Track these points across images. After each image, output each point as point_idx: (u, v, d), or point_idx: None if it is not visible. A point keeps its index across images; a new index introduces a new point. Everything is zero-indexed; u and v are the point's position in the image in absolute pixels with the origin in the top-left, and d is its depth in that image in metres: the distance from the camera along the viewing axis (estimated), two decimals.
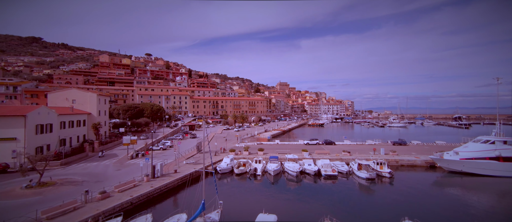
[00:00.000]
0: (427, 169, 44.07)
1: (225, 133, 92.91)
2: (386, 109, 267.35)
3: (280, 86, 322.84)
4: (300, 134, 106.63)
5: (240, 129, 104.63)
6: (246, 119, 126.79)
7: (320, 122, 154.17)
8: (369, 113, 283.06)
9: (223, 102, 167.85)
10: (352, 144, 64.29)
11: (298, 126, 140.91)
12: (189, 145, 61.55)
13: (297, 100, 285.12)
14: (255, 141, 70.47)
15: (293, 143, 66.25)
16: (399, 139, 62.99)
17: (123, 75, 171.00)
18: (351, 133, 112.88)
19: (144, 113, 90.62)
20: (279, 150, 55.55)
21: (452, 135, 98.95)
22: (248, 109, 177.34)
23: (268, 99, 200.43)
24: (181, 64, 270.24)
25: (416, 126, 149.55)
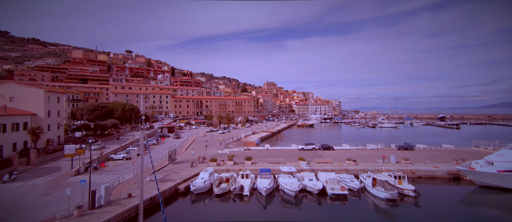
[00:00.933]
0: (449, 181, 35.96)
1: (208, 136, 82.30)
2: (373, 109, 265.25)
3: (267, 86, 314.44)
4: (291, 136, 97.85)
5: (225, 131, 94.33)
6: (232, 120, 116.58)
7: (310, 122, 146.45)
8: (355, 113, 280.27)
9: (208, 102, 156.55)
10: (352, 148, 55.84)
11: (287, 126, 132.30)
12: (165, 151, 50.76)
13: (285, 100, 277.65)
14: (241, 145, 60.62)
15: (286, 149, 56.93)
16: (405, 143, 55.19)
17: (97, 73, 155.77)
18: (344, 134, 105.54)
19: (114, 113, 78.41)
20: (270, 158, 45.97)
21: (449, 136, 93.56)
22: (235, 109, 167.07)
23: (256, 99, 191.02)
24: (164, 62, 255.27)
25: (405, 126, 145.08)
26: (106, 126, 63.40)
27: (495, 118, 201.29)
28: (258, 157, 46.96)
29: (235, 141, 71.13)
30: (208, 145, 62.34)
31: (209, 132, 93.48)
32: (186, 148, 57.85)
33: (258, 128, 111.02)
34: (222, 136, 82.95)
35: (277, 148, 57.51)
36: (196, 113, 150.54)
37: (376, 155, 47.95)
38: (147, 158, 33.95)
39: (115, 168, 38.90)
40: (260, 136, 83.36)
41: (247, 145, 63.07)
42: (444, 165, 39.17)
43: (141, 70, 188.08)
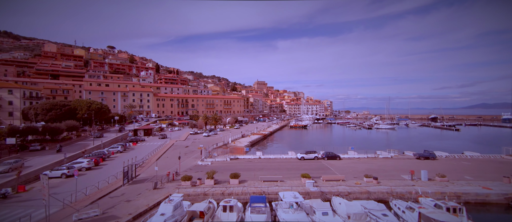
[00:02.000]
0: (508, 209, 26.18)
1: (191, 139, 70.43)
2: (365, 110, 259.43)
3: (258, 85, 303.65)
4: (284, 139, 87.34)
5: (211, 133, 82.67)
6: (219, 120, 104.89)
7: (303, 123, 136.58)
8: (346, 113, 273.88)
9: (194, 101, 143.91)
10: (362, 157, 45.67)
11: (279, 128, 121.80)
12: (134, 161, 38.88)
13: (276, 100, 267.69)
14: (227, 153, 49.33)
15: (283, 157, 46.09)
16: (425, 150, 45.44)
17: (71, 68, 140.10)
18: (341, 137, 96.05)
19: (77, 113, 65.28)
20: (263, 172, 35.04)
21: (455, 140, 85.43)
22: (223, 109, 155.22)
23: (246, 98, 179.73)
24: (149, 59, 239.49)
25: (400, 127, 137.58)
26: (59, 128, 50.35)
27: (485, 119, 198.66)
28: (248, 170, 35.87)
29: (221, 146, 59.70)
30: (187, 153, 50.70)
31: (192, 135, 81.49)
32: (159, 157, 45.98)
33: (248, 129, 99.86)
34: (207, 139, 71.29)
35: (271, 156, 46.59)
36: (181, 112, 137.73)
37: (395, 166, 37.86)
38: (114, 166, 22.16)
39: (37, 195, 26.61)
40: (250, 139, 72.26)
41: (235, 152, 51.82)
42: (495, 184, 29.38)
43: (122, 67, 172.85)
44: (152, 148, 54.98)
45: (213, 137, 77.16)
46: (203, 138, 74.89)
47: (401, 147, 61.54)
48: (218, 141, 64.90)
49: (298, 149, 63.59)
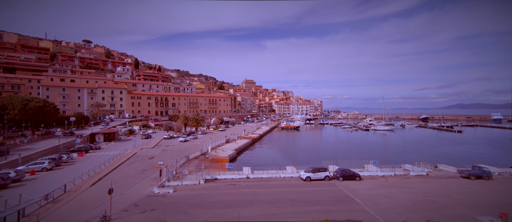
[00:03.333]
0: None
1: (162, 146, 55.45)
2: (355, 110, 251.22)
3: (246, 84, 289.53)
4: (276, 142, 73.84)
5: (190, 137, 67.99)
6: (202, 121, 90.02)
7: (295, 124, 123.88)
8: (336, 113, 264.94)
9: (175, 100, 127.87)
10: (388, 174, 32.77)
11: (270, 129, 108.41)
12: (63, 181, 24.15)
13: (265, 99, 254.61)
14: (204, 169, 35.06)
15: (280, 177, 32.40)
16: (474, 165, 32.88)
17: (32, 61, 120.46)
18: (340, 140, 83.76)
19: (8, 113, 48.82)
20: (252, 211, 21.19)
21: (469, 144, 74.98)
22: (208, 108, 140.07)
23: (233, 97, 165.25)
24: (130, 55, 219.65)
25: (397, 128, 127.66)
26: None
27: (474, 119, 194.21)
28: (228, 207, 21.90)
29: (198, 157, 45.31)
30: (147, 169, 36.02)
31: (166, 139, 66.41)
32: (100, 178, 30.99)
33: (234, 131, 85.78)
34: (182, 146, 56.59)
35: (263, 175, 32.79)
36: (160, 112, 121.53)
37: (449, 193, 25.04)
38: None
39: None
40: (236, 145, 58.17)
41: (214, 167, 37.59)
42: None
43: (96, 62, 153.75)
44: (105, 159, 39.74)
45: (192, 142, 62.52)
46: (178, 144, 60.06)
47: (422, 157, 49.75)
48: (195, 149, 50.37)
49: (297, 159, 50.34)
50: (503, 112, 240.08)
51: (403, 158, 51.34)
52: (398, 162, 45.25)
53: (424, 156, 52.36)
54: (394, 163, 37.91)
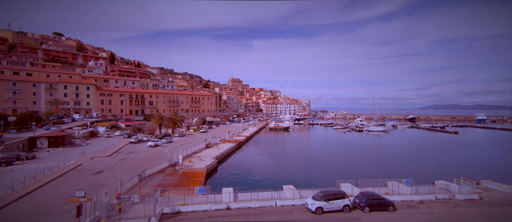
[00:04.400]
0: None
1: (121, 154, 43.18)
2: (343, 110, 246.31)
3: (232, 83, 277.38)
4: (266, 148, 63.22)
5: (163, 141, 56.02)
6: (180, 121, 77.82)
7: (284, 125, 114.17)
8: (324, 113, 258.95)
9: (152, 98, 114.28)
10: (425, 199, 23.06)
11: (257, 130, 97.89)
12: None
13: (252, 99, 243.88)
14: (165, 194, 23.67)
15: (277, 204, 21.80)
16: None
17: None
18: (336, 143, 74.61)
19: None
20: None
21: (480, 148, 68.06)
22: (190, 107, 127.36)
23: (218, 96, 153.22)
24: (108, 51, 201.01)
25: (391, 129, 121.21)
26: None
27: (458, 119, 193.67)
28: None
29: (164, 169, 33.79)
30: (87, 192, 24.11)
31: (133, 144, 54.01)
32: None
33: (217, 133, 74.52)
34: (149, 153, 44.69)
35: (251, 203, 22.01)
36: (135, 111, 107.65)
37: None
38: None
39: None
40: (217, 152, 47.00)
41: (184, 182, 26.39)
42: None
43: (64, 55, 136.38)
44: (29, 175, 27.29)
45: (164, 147, 50.61)
46: (145, 150, 48.02)
47: (444, 167, 41.24)
48: (163, 158, 38.66)
49: (294, 171, 39.91)
50: (473, 112, 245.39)
51: (421, 167, 42.46)
52: (421, 174, 36.12)
53: (444, 165, 43.82)
54: (414, 175, 28.73)
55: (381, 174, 35.06)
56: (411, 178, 25.22)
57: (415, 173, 35.54)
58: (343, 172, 38.70)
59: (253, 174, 37.94)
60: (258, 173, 38.57)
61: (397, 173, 35.84)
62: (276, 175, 36.95)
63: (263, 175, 37.49)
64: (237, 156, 51.03)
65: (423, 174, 36.57)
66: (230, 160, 47.43)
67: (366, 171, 38.68)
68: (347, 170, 40.33)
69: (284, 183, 28.26)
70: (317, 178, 35.08)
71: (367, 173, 36.70)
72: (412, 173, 36.08)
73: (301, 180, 33.84)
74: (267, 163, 45.40)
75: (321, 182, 30.73)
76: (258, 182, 33.37)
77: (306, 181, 32.99)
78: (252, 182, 33.61)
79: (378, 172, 37.66)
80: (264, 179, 35.36)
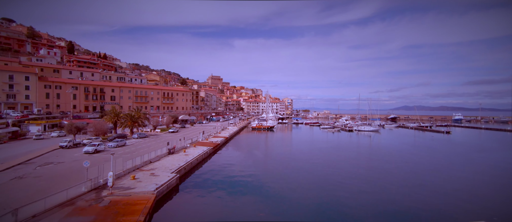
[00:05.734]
0: None
1: (33, 164, 27.67)
2: (325, 109, 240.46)
3: (212, 81, 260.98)
4: (249, 152, 50.03)
5: (111, 145, 40.93)
6: (142, 119, 62.28)
7: (268, 124, 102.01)
8: (306, 112, 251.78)
9: (116, 92, 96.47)
10: None
11: (238, 130, 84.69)
12: None
13: (232, 97, 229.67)
14: None
15: None
16: None
17: None
18: (329, 144, 63.47)
19: None
20: None
21: (493, 152, 60.32)
22: (162, 104, 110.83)
23: (195, 92, 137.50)
24: (71, 41, 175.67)
25: (376, 128, 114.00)
26: None
27: (436, 119, 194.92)
28: None
29: (81, 196, 19.46)
30: None
31: (64, 149, 38.29)
32: None
33: (190, 133, 60.27)
34: (78, 164, 29.59)
35: None
36: (93, 107, 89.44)
37: None
38: None
39: None
40: (182, 161, 33.17)
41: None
42: None
43: (6, 42, 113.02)
44: None
45: (106, 154, 35.67)
46: (76, 158, 32.82)
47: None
48: (90, 174, 24.07)
49: (296, 193, 27.17)
50: (438, 113, 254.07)
51: (469, 183, 31.85)
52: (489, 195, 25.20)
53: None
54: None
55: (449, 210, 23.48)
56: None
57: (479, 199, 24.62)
58: (352, 181, 26.91)
59: (234, 194, 24.81)
60: (238, 192, 25.53)
61: (460, 204, 24.73)
62: (266, 201, 24.03)
63: (246, 195, 24.51)
64: (211, 165, 37.42)
65: (461, 190, 25.78)
66: (201, 170, 33.77)
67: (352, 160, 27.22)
68: (358, 180, 28.65)
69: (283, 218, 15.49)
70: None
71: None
72: (473, 198, 25.16)
73: (306, 201, 21.41)
74: (251, 172, 32.47)
75: (332, 204, 18.43)
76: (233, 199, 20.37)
77: (313, 201, 20.66)
78: (233, 210, 20.49)
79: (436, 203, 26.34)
80: (248, 207, 22.36)
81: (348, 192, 25.89)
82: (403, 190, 27.30)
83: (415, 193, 26.22)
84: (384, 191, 26.55)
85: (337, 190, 26.64)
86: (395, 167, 38.12)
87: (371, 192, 26.19)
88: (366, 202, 23.45)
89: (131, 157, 32.09)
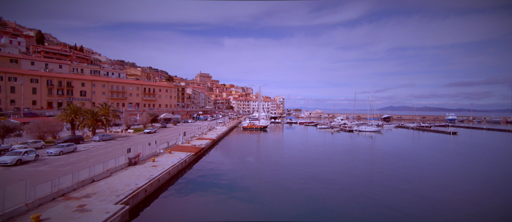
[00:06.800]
0: None
1: None
2: (318, 109, 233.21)
3: (201, 78, 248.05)
4: (241, 159, 39.52)
5: (55, 151, 29.58)
6: (107, 117, 50.60)
7: (261, 123, 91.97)
8: (298, 111, 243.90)
9: (87, 86, 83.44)
10: None
11: (228, 130, 74.19)
12: None
13: (222, 95, 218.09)
14: None
15: None
16: None
17: None
18: (334, 146, 54.06)
19: None
20: None
21: None
22: (143, 101, 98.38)
23: (180, 89, 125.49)
24: (40, 30, 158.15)
25: (377, 128, 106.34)
26: None
27: (428, 119, 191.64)
28: None
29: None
30: None
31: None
32: None
33: (170, 134, 49.27)
34: None
35: None
36: (59, 103, 76.18)
37: None
38: None
39: None
40: (145, 177, 22.41)
41: None
42: None
43: None
44: None
45: (37, 167, 24.39)
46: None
47: None
48: None
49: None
50: (421, 113, 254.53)
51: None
52: None
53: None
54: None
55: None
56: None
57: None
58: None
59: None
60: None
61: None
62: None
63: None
64: (189, 180, 26.79)
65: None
66: (173, 190, 23.15)
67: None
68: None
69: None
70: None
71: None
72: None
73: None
74: (253, 199, 22.24)
75: None
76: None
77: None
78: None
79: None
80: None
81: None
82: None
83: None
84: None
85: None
86: (435, 176, 28.94)
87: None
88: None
89: (72, 170, 21.34)
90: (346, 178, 28.98)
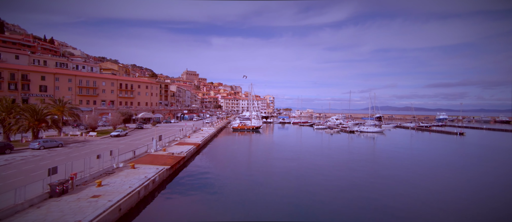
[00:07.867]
0: None
1: None
2: (309, 108, 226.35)
3: (187, 76, 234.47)
4: (229, 165, 29.61)
5: None
6: (66, 118, 38.88)
7: (253, 123, 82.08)
8: (288, 111, 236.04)
9: (49, 80, 70.06)
10: None
11: (216, 132, 63.76)
12: None
13: (209, 94, 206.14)
14: None
15: None
16: None
17: None
18: (342, 150, 45.14)
19: None
20: None
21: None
22: (119, 98, 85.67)
23: (163, 85, 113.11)
24: (16, 24, 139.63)
25: (380, 129, 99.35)
26: None
27: (419, 118, 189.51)
28: None
29: None
30: None
31: None
32: None
33: (143, 139, 38.29)
34: None
35: None
36: (12, 100, 62.34)
37: None
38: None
39: None
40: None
41: None
42: None
43: None
44: None
45: None
46: None
47: None
48: None
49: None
50: (403, 112, 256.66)
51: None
52: None
53: None
54: None
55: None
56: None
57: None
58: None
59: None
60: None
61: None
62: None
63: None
64: (153, 220, 16.45)
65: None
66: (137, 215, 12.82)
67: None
68: None
69: None
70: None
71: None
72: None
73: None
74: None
75: None
76: None
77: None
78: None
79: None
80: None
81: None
82: None
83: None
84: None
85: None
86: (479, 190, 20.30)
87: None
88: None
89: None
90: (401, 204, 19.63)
